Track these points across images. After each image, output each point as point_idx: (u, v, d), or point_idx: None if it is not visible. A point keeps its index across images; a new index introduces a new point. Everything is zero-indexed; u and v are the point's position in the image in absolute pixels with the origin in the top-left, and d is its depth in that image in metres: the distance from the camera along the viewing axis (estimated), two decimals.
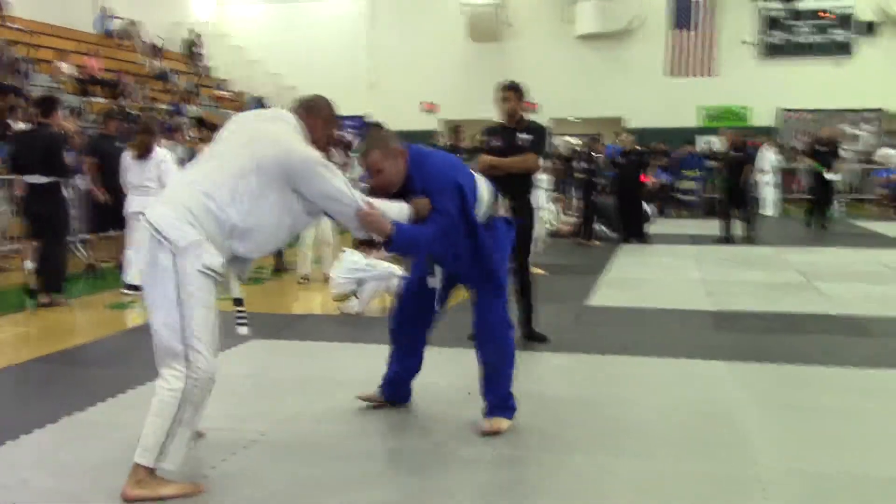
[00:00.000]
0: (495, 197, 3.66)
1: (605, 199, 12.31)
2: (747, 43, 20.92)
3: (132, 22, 19.80)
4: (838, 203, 16.00)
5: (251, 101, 20.87)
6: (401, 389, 3.90)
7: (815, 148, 13.19)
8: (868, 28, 20.53)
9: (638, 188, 11.82)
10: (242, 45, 22.61)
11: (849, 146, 17.91)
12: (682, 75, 19.70)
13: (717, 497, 2.92)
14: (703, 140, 19.82)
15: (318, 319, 6.50)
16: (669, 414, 3.83)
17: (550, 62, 21.11)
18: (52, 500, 2.89)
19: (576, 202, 12.63)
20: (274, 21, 23.30)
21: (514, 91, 5.29)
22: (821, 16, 20.80)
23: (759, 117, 21.11)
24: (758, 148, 17.28)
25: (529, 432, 3.56)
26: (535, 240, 6.79)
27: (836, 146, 13.95)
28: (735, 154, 11.80)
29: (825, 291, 7.29)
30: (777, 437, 3.55)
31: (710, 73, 19.60)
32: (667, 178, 17.00)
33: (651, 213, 12.82)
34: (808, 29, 20.99)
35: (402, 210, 3.27)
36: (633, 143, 12.33)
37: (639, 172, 11.91)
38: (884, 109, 20.29)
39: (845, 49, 20.71)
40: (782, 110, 21.00)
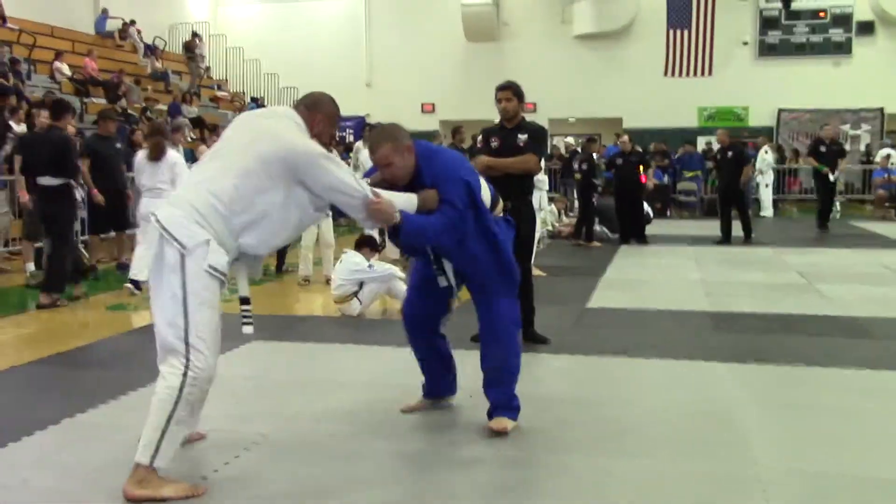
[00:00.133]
0: (495, 198, 3.67)
1: (606, 200, 12.32)
2: (747, 44, 20.97)
3: (131, 22, 19.79)
4: (838, 203, 16.00)
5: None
6: (441, 389, 3.90)
7: (818, 149, 13.09)
8: (866, 28, 20.55)
9: (637, 189, 11.81)
10: (240, 45, 22.62)
11: (848, 146, 17.93)
12: (680, 76, 19.71)
13: (718, 497, 2.93)
14: (704, 140, 19.88)
15: (319, 321, 6.50)
16: (670, 415, 3.84)
17: (548, 62, 21.12)
18: (53, 501, 2.90)
19: (576, 203, 12.65)
20: (271, 21, 23.31)
21: (512, 91, 5.29)
22: (820, 16, 20.83)
23: (757, 117, 21.14)
24: (756, 149, 17.34)
25: (531, 433, 3.57)
26: (537, 241, 6.79)
27: (841, 146, 13.93)
28: (728, 154, 11.78)
29: (825, 293, 7.30)
30: (777, 437, 3.56)
31: (708, 74, 19.61)
32: (661, 178, 17.00)
33: (651, 214, 12.81)
34: (807, 29, 21.02)
35: (410, 200, 3.29)
36: (633, 144, 12.31)
37: (638, 174, 11.89)
38: (884, 109, 20.34)
39: (844, 49, 20.74)
40: (781, 111, 21.04)
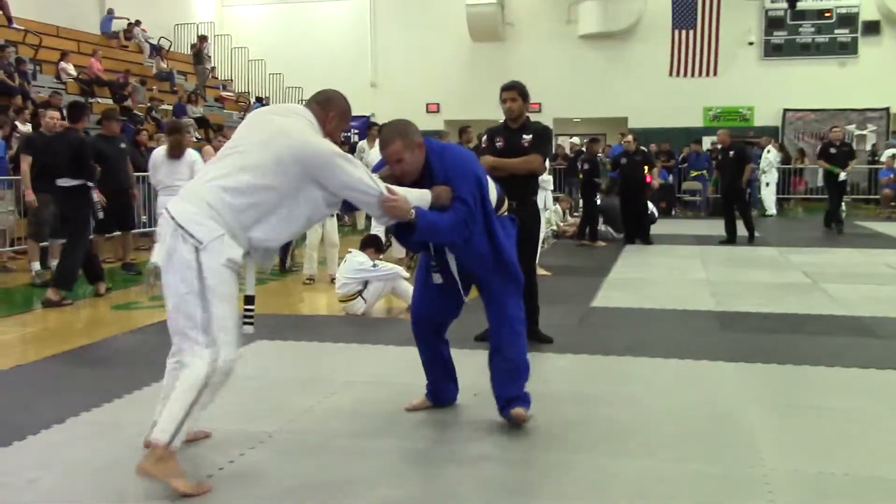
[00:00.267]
0: (501, 197, 3.68)
1: (612, 200, 12.30)
2: (752, 44, 20.92)
3: (136, 23, 19.83)
4: (843, 204, 15.95)
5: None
6: (446, 391, 3.90)
7: (828, 151, 13.03)
8: (872, 28, 20.49)
9: (642, 189, 11.78)
10: (245, 45, 22.65)
11: (854, 147, 17.86)
12: (685, 76, 19.69)
13: (723, 497, 2.92)
14: (710, 140, 19.84)
15: (323, 320, 6.51)
16: (674, 414, 3.83)
17: (553, 62, 21.11)
18: (58, 500, 2.90)
19: (581, 203, 12.63)
20: (276, 21, 23.34)
21: (517, 91, 5.27)
22: (825, 16, 20.78)
23: (762, 118, 21.11)
24: (760, 148, 17.30)
25: (534, 432, 3.56)
26: (541, 241, 6.79)
27: (851, 147, 13.87)
28: (730, 154, 11.74)
29: (831, 292, 7.28)
30: (782, 437, 3.55)
31: (714, 74, 19.58)
32: (666, 177, 16.99)
33: (656, 213, 12.78)
34: (812, 29, 20.97)
35: (423, 196, 3.31)
36: (638, 143, 12.28)
37: (643, 173, 11.86)
38: (889, 109, 20.28)
39: (850, 49, 20.69)
40: (786, 111, 21.00)
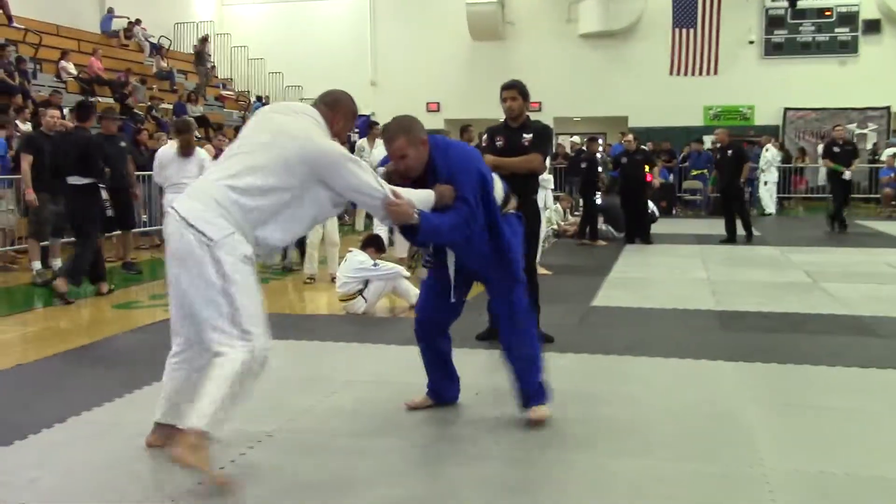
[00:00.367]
0: (508, 194, 3.70)
1: (613, 199, 12.29)
2: (752, 43, 20.92)
3: (136, 22, 19.83)
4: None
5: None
6: (447, 390, 3.91)
7: (832, 150, 13.01)
8: (873, 26, 20.48)
9: (643, 188, 11.76)
10: (245, 44, 22.64)
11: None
12: (685, 74, 19.68)
13: (723, 497, 2.92)
14: (710, 140, 19.83)
15: (323, 319, 6.51)
16: (675, 414, 3.83)
17: (553, 61, 21.11)
18: (59, 500, 2.90)
19: (581, 202, 12.62)
20: (276, 20, 23.34)
21: (518, 90, 5.27)
22: (825, 14, 20.78)
23: (763, 116, 21.11)
24: (760, 146, 17.28)
25: (535, 431, 3.57)
26: (542, 240, 6.79)
27: (854, 146, 13.85)
28: (728, 153, 11.73)
29: (831, 292, 7.28)
30: (783, 436, 3.55)
31: (714, 73, 19.57)
32: (666, 176, 16.98)
33: (656, 213, 12.78)
34: (813, 28, 20.97)
35: (427, 197, 3.32)
36: (638, 143, 12.27)
37: (644, 172, 11.85)
38: (890, 108, 20.28)
39: (850, 48, 20.68)
40: (787, 109, 20.99)
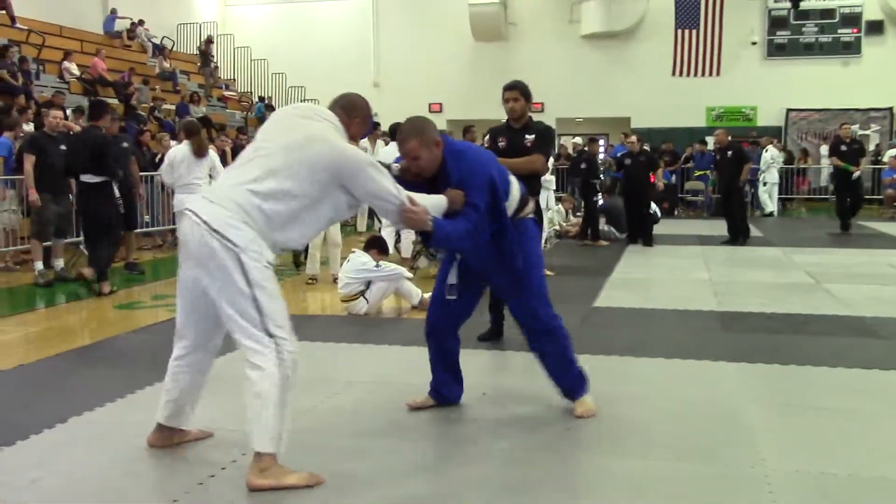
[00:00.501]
0: (525, 197, 3.71)
1: (615, 199, 12.26)
2: (755, 44, 20.90)
3: (139, 22, 19.85)
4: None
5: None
6: (450, 390, 3.91)
7: (839, 149, 12.91)
8: (876, 27, 20.45)
9: (646, 190, 11.70)
10: (248, 45, 22.66)
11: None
12: (688, 75, 19.67)
13: (724, 498, 2.91)
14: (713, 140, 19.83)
15: (325, 320, 6.51)
16: (676, 414, 3.83)
17: (555, 62, 21.10)
18: (60, 500, 2.90)
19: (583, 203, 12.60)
20: (279, 21, 23.36)
21: (520, 91, 5.27)
22: (829, 15, 20.75)
23: (765, 117, 21.09)
24: (762, 147, 17.25)
25: (536, 431, 3.57)
26: (543, 241, 6.79)
27: (861, 144, 13.79)
28: (728, 154, 11.70)
29: (834, 292, 7.27)
30: (784, 437, 3.54)
31: (717, 74, 19.56)
32: (668, 177, 16.96)
33: (658, 214, 12.76)
34: (815, 28, 20.94)
35: (440, 203, 3.34)
36: (641, 144, 12.22)
37: (647, 174, 11.80)
38: (893, 109, 20.24)
39: (853, 48, 20.66)
40: (789, 110, 20.97)
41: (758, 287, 7.68)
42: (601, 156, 17.59)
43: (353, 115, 3.25)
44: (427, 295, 6.59)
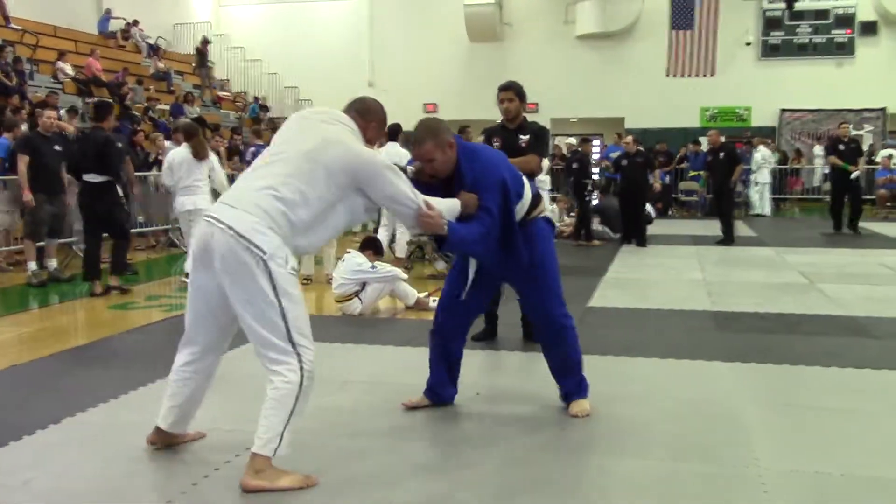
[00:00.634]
0: (537, 197, 3.73)
1: (609, 199, 12.26)
2: (749, 44, 20.94)
3: (134, 23, 19.81)
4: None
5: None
6: (446, 390, 3.92)
7: (837, 148, 12.85)
8: (870, 28, 20.51)
9: (642, 191, 11.66)
10: (242, 45, 22.63)
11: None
12: (682, 76, 19.70)
13: (720, 497, 2.92)
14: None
15: (319, 320, 6.46)
16: (671, 414, 3.83)
17: (550, 62, 21.11)
18: (54, 501, 2.89)
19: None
20: (273, 21, 23.32)
21: (514, 92, 5.27)
22: (822, 16, 20.81)
23: (760, 118, 21.13)
24: (754, 147, 17.28)
25: (532, 432, 3.57)
26: None
27: (858, 143, 13.80)
28: (720, 155, 11.70)
29: (827, 292, 7.29)
30: (779, 437, 3.55)
31: (711, 74, 19.59)
32: (663, 178, 16.98)
33: (652, 214, 12.77)
34: (810, 29, 21.00)
35: (454, 207, 3.36)
36: (637, 144, 12.20)
37: (644, 174, 11.77)
38: (886, 109, 20.31)
39: (847, 49, 20.71)
40: (783, 111, 21.02)
41: (751, 287, 7.69)
42: (595, 156, 17.64)
43: (369, 119, 3.25)
44: (422, 295, 6.61)
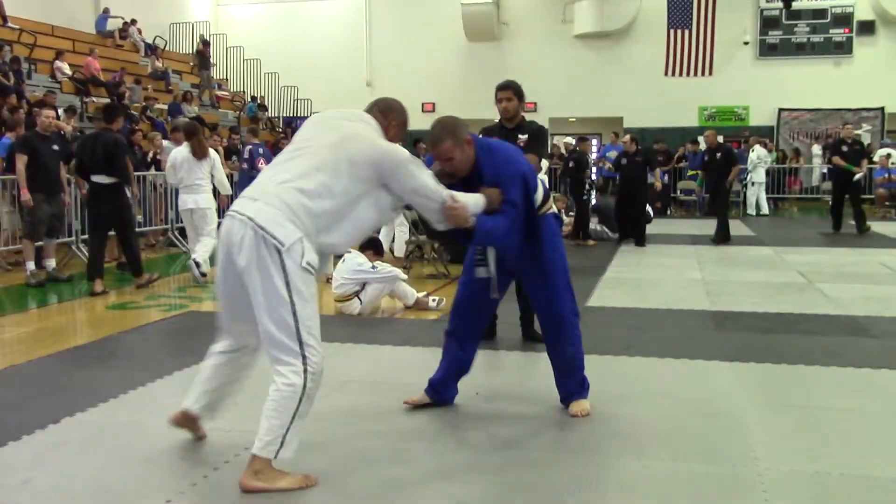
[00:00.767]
0: (547, 194, 3.76)
1: (607, 199, 12.25)
2: (747, 44, 20.96)
3: (132, 22, 19.79)
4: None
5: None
6: (448, 390, 3.93)
7: (841, 149, 12.82)
8: (867, 27, 20.53)
9: (641, 190, 11.65)
10: (240, 44, 22.61)
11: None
12: (680, 75, 19.71)
13: (718, 497, 2.92)
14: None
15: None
16: (670, 414, 3.83)
17: (548, 62, 21.12)
18: (53, 501, 2.89)
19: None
20: (272, 20, 23.32)
21: (513, 91, 5.26)
22: (820, 15, 20.82)
23: (758, 117, 21.15)
24: (751, 147, 17.28)
25: (530, 432, 3.57)
26: None
27: (862, 144, 13.77)
28: (717, 156, 11.69)
29: (826, 292, 7.30)
30: (778, 436, 3.55)
31: (709, 73, 19.60)
32: (662, 177, 16.98)
33: (651, 213, 12.76)
34: (807, 28, 21.02)
35: (479, 202, 3.36)
36: (636, 143, 12.18)
37: (644, 174, 11.75)
38: (884, 109, 20.33)
39: (845, 48, 20.73)
40: (781, 110, 21.04)
41: (750, 286, 7.70)
42: (593, 156, 17.64)
43: (390, 118, 3.26)
44: (421, 295, 6.61)
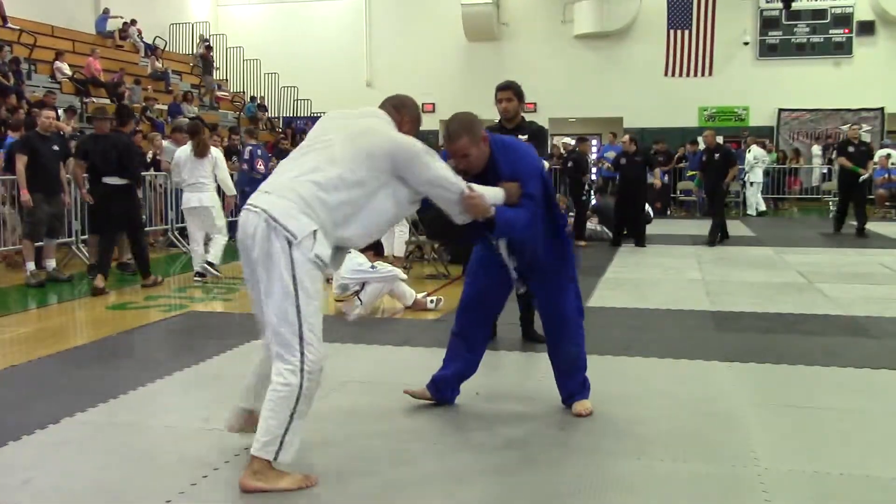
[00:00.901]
0: (554, 192, 3.79)
1: (607, 199, 12.25)
2: (747, 44, 20.96)
3: (131, 22, 19.79)
4: (831, 203, 15.93)
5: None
6: (449, 389, 3.92)
7: (847, 150, 12.77)
8: (867, 28, 20.53)
9: (642, 191, 11.62)
10: (240, 45, 22.61)
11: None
12: (680, 75, 19.71)
13: (719, 497, 2.92)
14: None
15: None
16: (670, 414, 3.83)
17: (548, 62, 21.12)
18: (53, 501, 2.89)
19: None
20: (272, 21, 23.32)
21: (513, 91, 5.26)
22: (820, 16, 20.83)
23: (757, 117, 21.16)
24: (748, 147, 17.27)
25: (530, 432, 3.57)
26: None
27: (868, 146, 13.73)
28: (715, 156, 11.67)
29: (825, 292, 7.30)
30: (778, 436, 3.56)
31: (709, 74, 19.61)
32: (662, 177, 16.97)
33: (651, 214, 12.75)
34: (807, 29, 21.02)
35: (497, 194, 3.36)
36: (635, 144, 12.17)
37: (643, 174, 11.74)
38: (884, 109, 20.33)
39: (844, 49, 20.74)
40: (781, 110, 21.04)
41: (750, 287, 7.70)
42: (592, 156, 17.62)
43: (404, 114, 3.27)
44: (420, 295, 6.60)
